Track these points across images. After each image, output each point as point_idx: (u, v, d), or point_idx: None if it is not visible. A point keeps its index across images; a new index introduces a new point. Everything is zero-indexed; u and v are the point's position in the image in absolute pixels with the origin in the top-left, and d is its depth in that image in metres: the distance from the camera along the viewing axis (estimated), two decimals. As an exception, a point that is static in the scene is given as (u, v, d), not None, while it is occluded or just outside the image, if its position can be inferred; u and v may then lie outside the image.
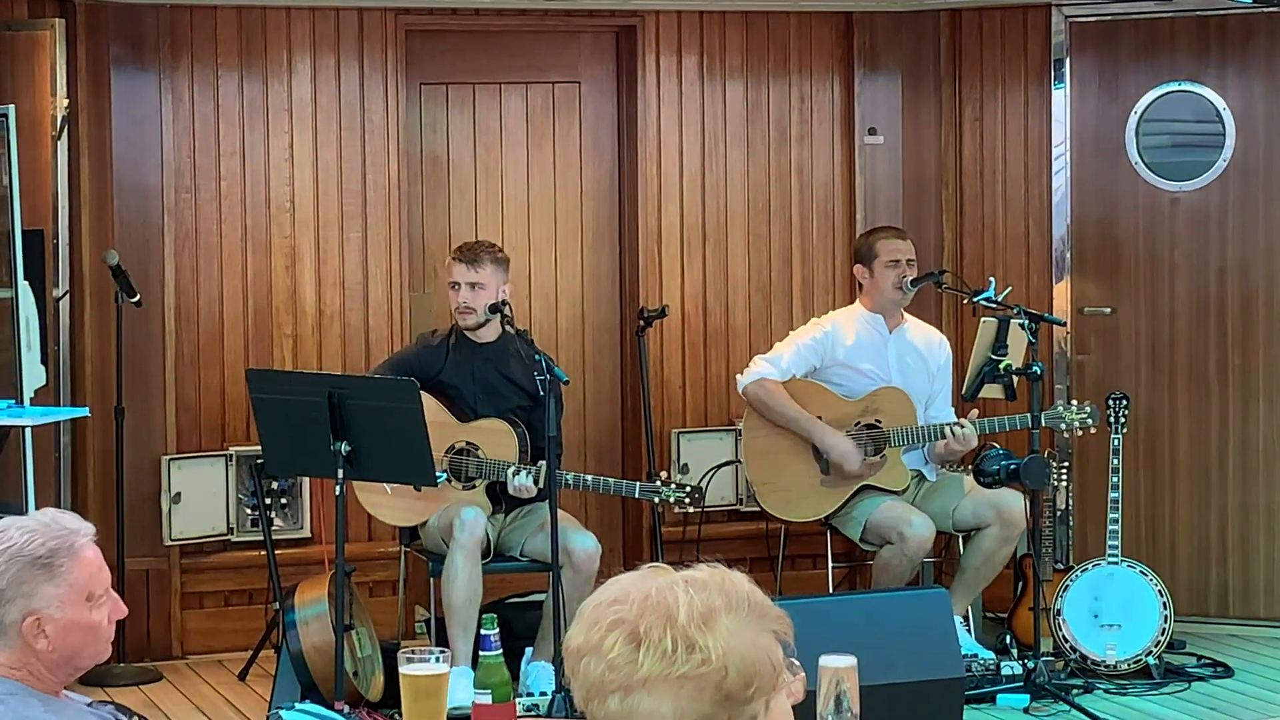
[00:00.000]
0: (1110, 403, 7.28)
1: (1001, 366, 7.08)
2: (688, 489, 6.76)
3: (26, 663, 3.42)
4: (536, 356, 6.47)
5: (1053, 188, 8.15)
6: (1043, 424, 6.87)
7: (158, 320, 7.51)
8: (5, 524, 3.47)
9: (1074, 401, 7.22)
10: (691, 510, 6.93)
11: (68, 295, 7.39)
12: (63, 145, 7.32)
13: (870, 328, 7.25)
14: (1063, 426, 7.07)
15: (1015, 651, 7.10)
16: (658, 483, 6.80)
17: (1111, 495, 7.16)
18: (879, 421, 7.13)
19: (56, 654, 3.44)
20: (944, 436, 7.07)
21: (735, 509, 8.11)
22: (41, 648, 3.43)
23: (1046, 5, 8.07)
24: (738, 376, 7.25)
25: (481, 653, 3.76)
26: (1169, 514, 8.03)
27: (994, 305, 7.09)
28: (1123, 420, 7.24)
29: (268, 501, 7.48)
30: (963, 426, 7.00)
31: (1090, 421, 7.06)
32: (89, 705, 3.63)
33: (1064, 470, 7.71)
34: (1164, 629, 7.07)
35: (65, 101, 7.29)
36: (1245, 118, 7.94)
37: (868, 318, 7.27)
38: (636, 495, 6.91)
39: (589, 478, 6.78)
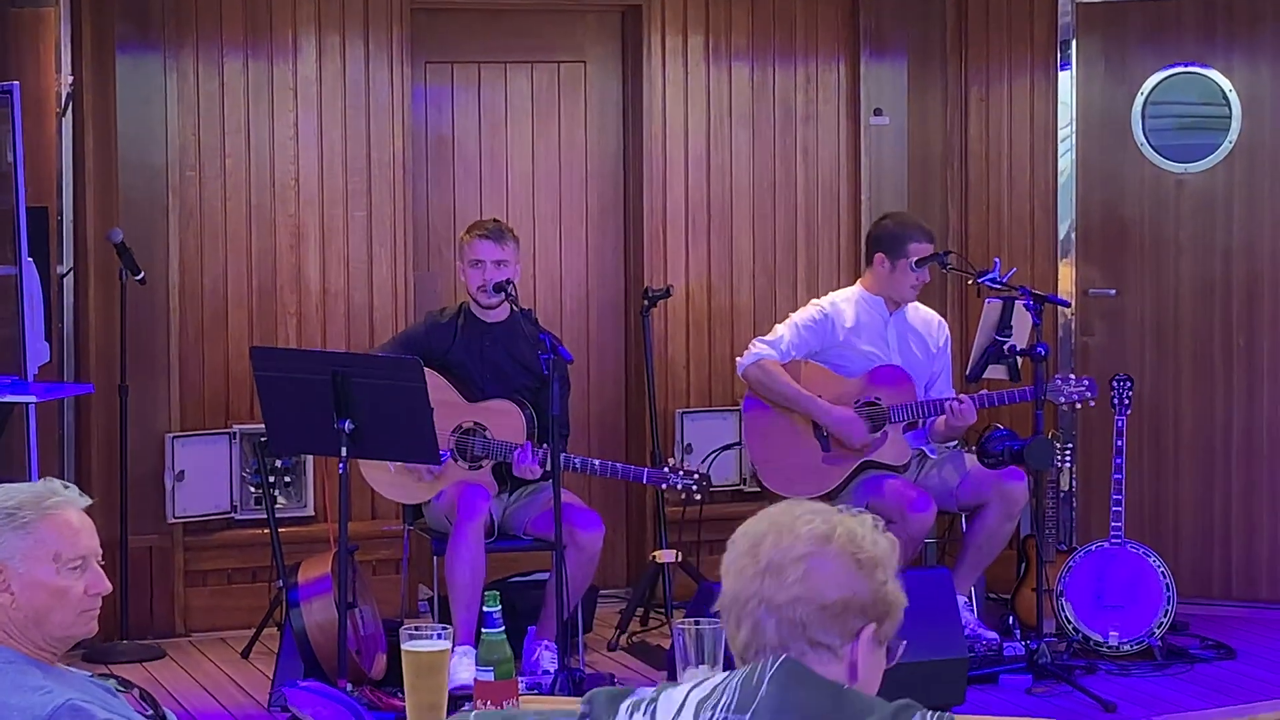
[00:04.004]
0: (1114, 384, 7.27)
1: (1005, 348, 7.08)
2: (696, 476, 6.75)
3: None
4: (541, 335, 6.46)
5: (1058, 169, 8.14)
6: (1045, 395, 6.86)
7: (162, 298, 7.51)
8: (3, 487, 3.52)
9: (1073, 375, 7.22)
10: (699, 498, 6.93)
11: (72, 272, 7.39)
12: (67, 122, 7.31)
13: (870, 309, 7.23)
14: (1061, 399, 7.06)
15: (1018, 632, 7.11)
16: (665, 469, 6.80)
17: (1115, 476, 7.16)
18: (878, 399, 7.12)
19: (22, 613, 3.47)
20: (943, 411, 7.07)
21: (739, 489, 8.11)
22: (5, 602, 3.47)
23: (1053, -14, 8.06)
24: (737, 360, 7.23)
25: (484, 630, 3.76)
26: (1173, 495, 8.03)
27: (999, 286, 7.08)
28: (1127, 401, 7.24)
29: (271, 479, 7.48)
30: (960, 401, 6.99)
31: (1089, 395, 7.04)
32: (90, 678, 3.64)
33: (1068, 451, 7.70)
34: (1167, 610, 7.07)
35: (70, 79, 7.29)
36: (1252, 100, 7.92)
37: (868, 299, 7.25)
38: (645, 481, 6.91)
39: (596, 462, 6.78)
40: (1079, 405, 7.11)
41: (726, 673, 2.58)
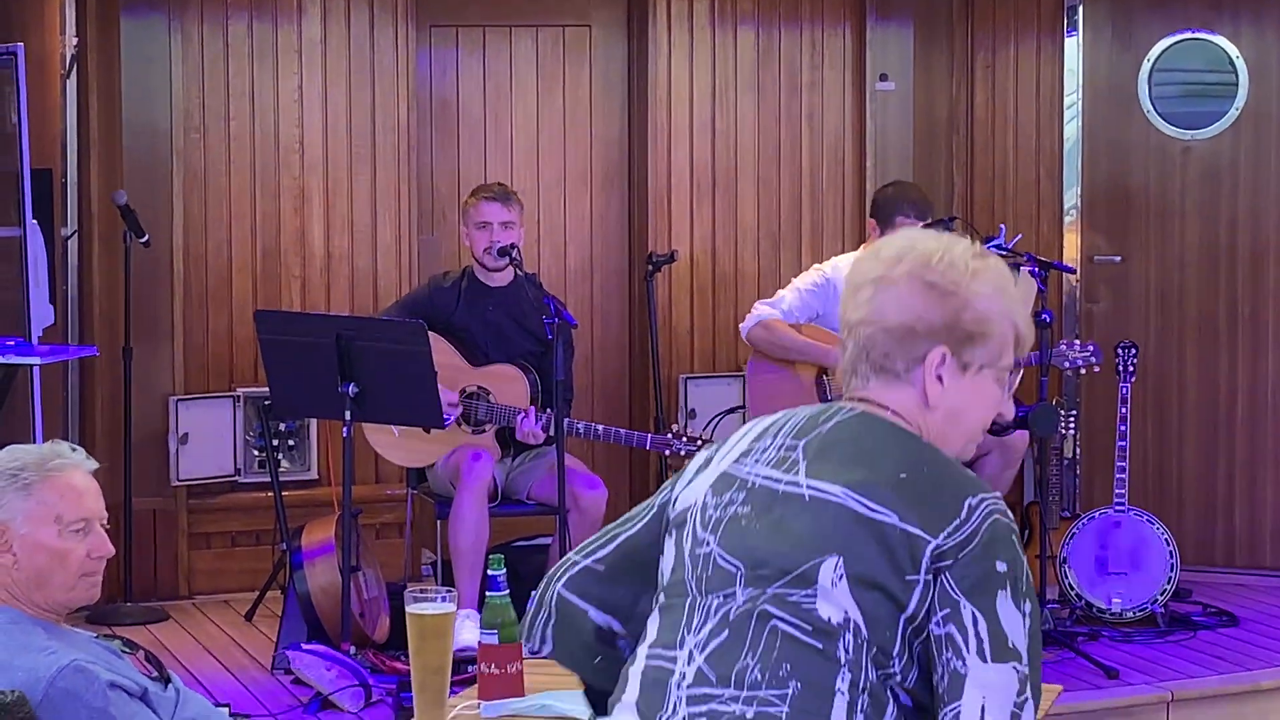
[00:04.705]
0: (1119, 351, 7.26)
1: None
2: (699, 441, 6.76)
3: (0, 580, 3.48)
4: (545, 300, 6.46)
5: (1064, 136, 8.12)
6: (1049, 361, 6.85)
7: (166, 261, 7.50)
8: (10, 448, 3.52)
9: (1077, 341, 7.22)
10: (702, 463, 6.90)
11: (76, 235, 7.38)
12: (71, 84, 7.30)
13: (872, 274, 7.21)
14: (1066, 365, 7.05)
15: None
16: (669, 434, 6.80)
17: (1119, 444, 7.16)
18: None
19: (24, 574, 3.48)
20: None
21: (742, 455, 8.10)
22: (7, 563, 3.48)
23: (1060, -48, 8.04)
24: (740, 324, 7.22)
25: (489, 593, 3.76)
26: (1176, 463, 8.04)
27: (1004, 253, 7.06)
28: (1131, 369, 7.23)
29: (275, 443, 7.48)
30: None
31: (1094, 360, 7.03)
32: (95, 639, 3.65)
33: (1072, 418, 7.70)
34: (1170, 578, 7.07)
35: (74, 40, 7.27)
36: (1258, 67, 7.90)
37: (870, 263, 7.23)
38: (648, 447, 6.91)
39: (599, 428, 6.77)
40: (1083, 371, 7.09)
41: (810, 406, 2.61)
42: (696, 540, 2.54)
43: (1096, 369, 7.07)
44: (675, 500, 2.63)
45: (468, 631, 6.01)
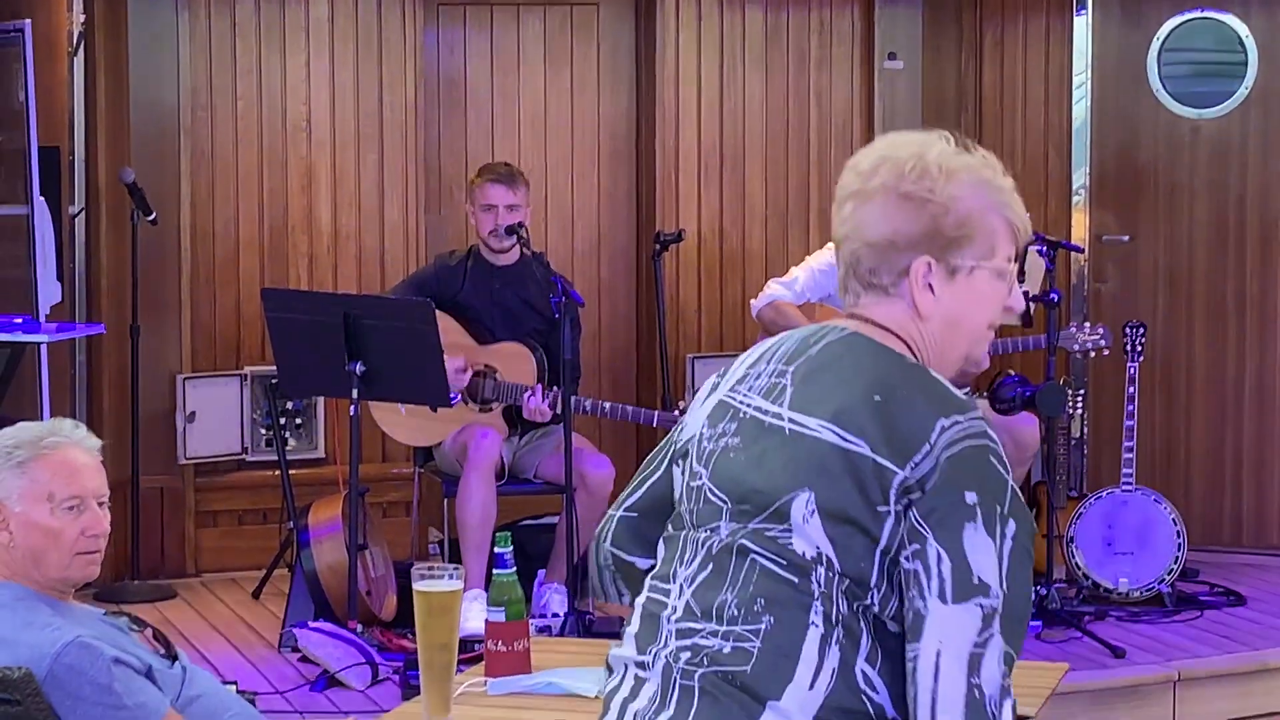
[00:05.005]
0: (1127, 331, 7.25)
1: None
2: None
3: None
4: (552, 278, 6.45)
5: (1073, 115, 8.10)
6: (1057, 343, 6.84)
7: (173, 239, 7.50)
8: (12, 426, 3.55)
9: (1087, 324, 7.20)
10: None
11: (83, 212, 7.38)
12: (79, 62, 7.29)
13: (886, 253, 7.20)
14: (1075, 348, 7.04)
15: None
16: (675, 412, 6.80)
17: (1127, 423, 7.15)
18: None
19: (20, 552, 3.50)
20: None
21: (749, 434, 8.10)
22: (4, 540, 3.49)
23: (1069, -70, 8.02)
24: (751, 301, 7.22)
25: (496, 570, 3.77)
26: (1184, 442, 8.03)
27: (1012, 232, 7.04)
28: (1139, 348, 7.22)
29: (282, 421, 7.49)
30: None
31: (1104, 344, 7.03)
32: (103, 616, 3.65)
33: (1079, 398, 7.69)
34: (1177, 557, 7.06)
35: (82, 17, 7.26)
36: (1268, 46, 7.88)
37: (883, 243, 7.22)
38: (655, 424, 6.91)
39: (606, 405, 6.77)
40: (1093, 354, 7.09)
41: (805, 328, 2.58)
42: (692, 473, 2.56)
43: (1106, 352, 7.06)
44: (683, 428, 2.64)
45: (474, 614, 6.00)
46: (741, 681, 2.39)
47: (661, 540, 2.63)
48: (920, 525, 2.34)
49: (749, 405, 2.51)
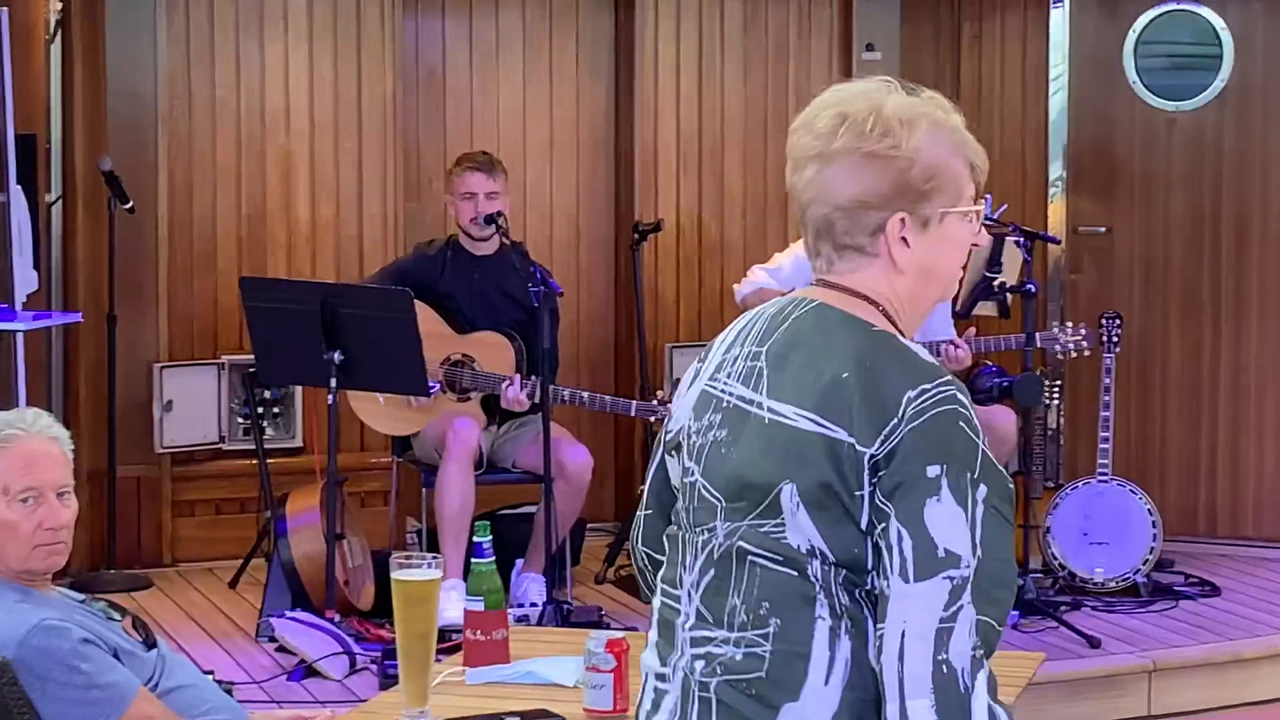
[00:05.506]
0: (1103, 322, 7.27)
1: (995, 285, 7.08)
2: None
3: None
4: (531, 268, 6.45)
5: (1050, 107, 8.12)
6: (1037, 344, 6.87)
7: (151, 227, 7.48)
8: None
9: (1069, 324, 7.22)
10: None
11: (60, 201, 7.36)
12: (56, 49, 7.27)
13: (867, 242, 7.21)
14: (1057, 349, 7.07)
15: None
16: (654, 402, 6.81)
17: (1103, 414, 7.17)
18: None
19: None
20: (939, 354, 7.07)
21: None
22: None
23: (1047, -78, 8.03)
24: (735, 286, 7.23)
25: (474, 559, 3.77)
26: (1160, 433, 8.05)
27: (990, 223, 7.06)
28: (1115, 339, 7.24)
29: (260, 410, 7.48)
30: (958, 346, 6.99)
31: (1085, 345, 7.05)
32: (80, 602, 3.65)
33: (1056, 388, 7.71)
34: (1153, 548, 7.09)
35: (59, 5, 7.24)
36: (1244, 39, 7.90)
37: (864, 232, 7.23)
38: (633, 414, 6.91)
39: (585, 394, 6.78)
40: (1074, 355, 7.10)
41: (773, 303, 2.55)
42: (685, 469, 2.53)
43: (1087, 353, 7.09)
44: (672, 418, 2.61)
45: (452, 605, 6.01)
46: (756, 689, 2.38)
47: (665, 537, 2.60)
48: (884, 504, 2.32)
49: (730, 394, 2.49)
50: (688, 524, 2.52)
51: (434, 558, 3.44)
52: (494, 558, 3.76)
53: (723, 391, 2.51)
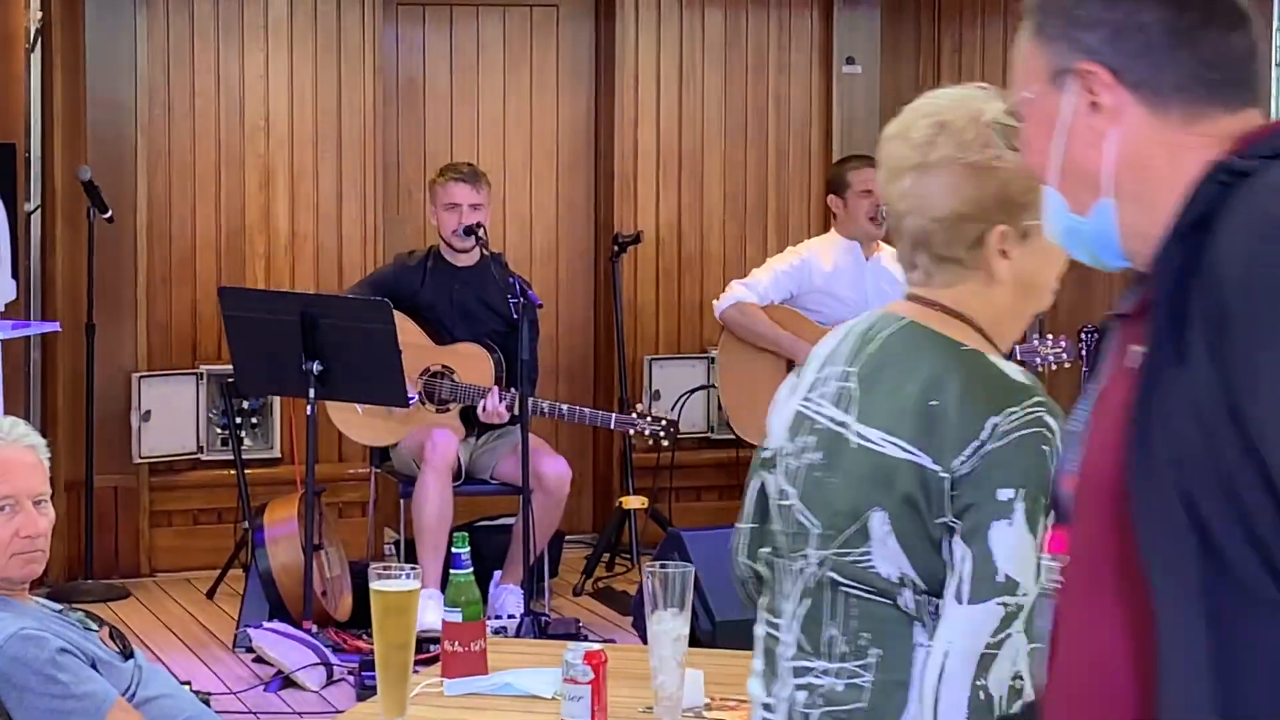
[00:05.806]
0: (1083, 336, 7.28)
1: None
2: (664, 423, 6.78)
3: None
4: (511, 280, 6.45)
5: (1030, 120, 8.13)
6: (1017, 357, 6.88)
7: (130, 237, 7.47)
8: None
9: (1049, 336, 7.23)
10: (666, 444, 6.94)
11: (39, 210, 7.35)
12: (35, 59, 7.26)
13: (848, 255, 7.23)
14: (1037, 361, 7.08)
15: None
16: (634, 415, 6.81)
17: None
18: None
19: None
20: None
21: (707, 436, 8.11)
22: None
23: (1028, -64, 8.04)
24: (714, 301, 7.23)
25: (452, 571, 3.76)
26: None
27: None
28: (1095, 352, 7.24)
29: (238, 420, 7.46)
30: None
31: (1065, 357, 7.06)
32: (58, 612, 3.64)
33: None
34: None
35: (39, 14, 7.23)
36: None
37: (845, 245, 7.24)
38: (612, 427, 6.91)
39: (564, 407, 6.77)
40: (1054, 368, 7.12)
41: (864, 318, 2.51)
42: (781, 491, 2.50)
43: (1067, 365, 7.10)
44: (769, 434, 2.57)
45: (429, 612, 6.00)
46: None
47: (764, 563, 2.57)
48: (953, 522, 2.31)
49: (822, 415, 2.45)
50: (785, 551, 2.50)
51: (412, 568, 3.43)
52: (472, 569, 3.75)
53: (815, 412, 2.47)
